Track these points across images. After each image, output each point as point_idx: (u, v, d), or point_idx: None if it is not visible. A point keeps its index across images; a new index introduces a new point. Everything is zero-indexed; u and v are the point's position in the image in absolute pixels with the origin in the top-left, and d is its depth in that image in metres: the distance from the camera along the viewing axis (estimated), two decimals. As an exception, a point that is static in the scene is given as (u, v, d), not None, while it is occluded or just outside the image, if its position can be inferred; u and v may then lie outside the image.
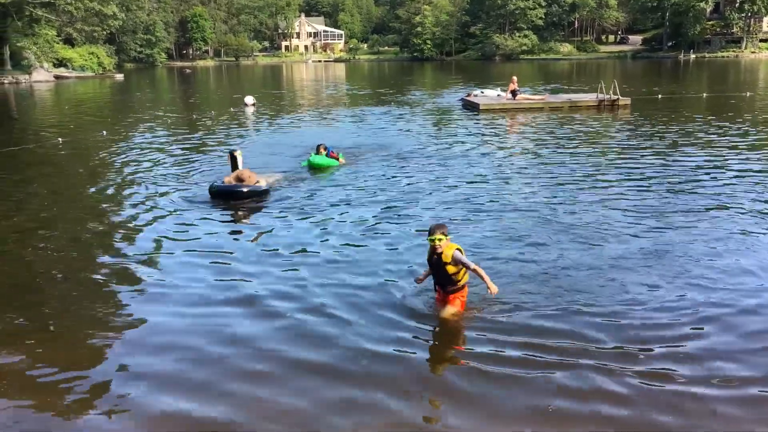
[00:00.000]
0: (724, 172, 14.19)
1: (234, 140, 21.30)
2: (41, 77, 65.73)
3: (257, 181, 13.07)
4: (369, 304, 7.45)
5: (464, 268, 6.90)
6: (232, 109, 31.89)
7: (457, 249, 6.83)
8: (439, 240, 6.75)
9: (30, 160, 18.52)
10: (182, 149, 19.72)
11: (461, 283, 7.02)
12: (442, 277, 6.95)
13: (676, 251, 8.96)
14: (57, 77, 68.89)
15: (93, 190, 14.46)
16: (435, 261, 6.90)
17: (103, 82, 66.19)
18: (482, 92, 33.18)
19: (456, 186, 13.51)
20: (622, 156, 16.57)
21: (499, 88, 34.22)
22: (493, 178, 14.31)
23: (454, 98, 35.31)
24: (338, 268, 8.70)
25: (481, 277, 6.78)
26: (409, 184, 13.85)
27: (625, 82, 40.83)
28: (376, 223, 10.85)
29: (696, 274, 8.15)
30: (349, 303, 7.51)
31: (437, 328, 6.90)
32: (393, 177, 14.59)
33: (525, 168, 15.37)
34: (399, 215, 11.34)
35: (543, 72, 66.16)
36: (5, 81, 60.34)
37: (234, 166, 14.10)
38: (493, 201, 12.14)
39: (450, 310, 7.01)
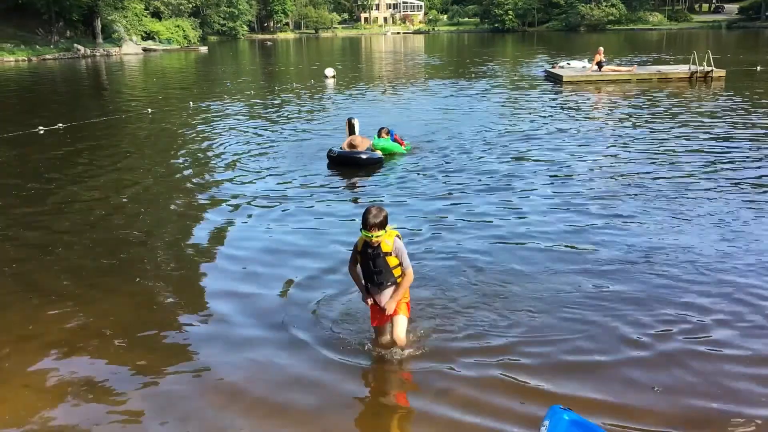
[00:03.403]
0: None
1: (318, 111, 21.50)
2: (130, 50, 68.35)
3: (368, 148, 12.90)
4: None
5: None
6: (312, 81, 32.14)
7: (397, 236, 5.49)
8: (377, 237, 5.29)
9: (122, 129, 19.28)
10: (265, 120, 20.04)
11: (400, 277, 5.52)
12: (380, 272, 5.42)
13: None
14: (145, 50, 71.53)
15: (182, 159, 14.89)
16: (372, 253, 5.41)
17: (189, 55, 68.06)
18: (568, 63, 32.23)
19: (539, 164, 13.14)
20: (719, 131, 15.64)
21: (585, 60, 33.09)
22: (578, 154, 13.81)
23: (536, 70, 34.39)
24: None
25: (400, 286, 5.44)
26: (492, 164, 13.11)
27: (719, 52, 38.59)
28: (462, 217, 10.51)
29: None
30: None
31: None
32: (475, 158, 13.59)
33: (612, 142, 14.80)
34: (496, 203, 10.40)
35: (631, 43, 63.43)
36: (97, 53, 63.07)
37: (351, 132, 13.78)
38: (581, 181, 11.75)
39: (400, 326, 5.57)
